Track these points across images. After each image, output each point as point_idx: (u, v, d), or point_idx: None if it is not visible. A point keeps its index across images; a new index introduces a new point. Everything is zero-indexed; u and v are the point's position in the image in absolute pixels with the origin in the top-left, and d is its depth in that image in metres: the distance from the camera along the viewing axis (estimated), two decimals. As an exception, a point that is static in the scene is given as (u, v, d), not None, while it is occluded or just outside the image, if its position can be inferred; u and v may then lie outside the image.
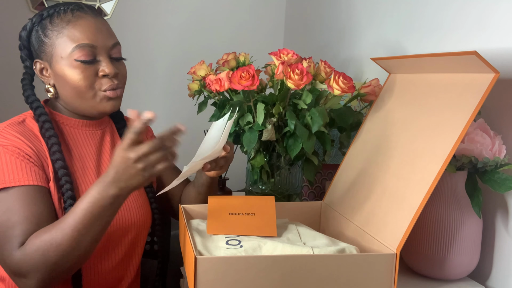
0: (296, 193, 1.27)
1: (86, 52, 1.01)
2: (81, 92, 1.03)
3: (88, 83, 1.02)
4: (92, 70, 1.02)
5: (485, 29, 1.06)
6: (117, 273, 1.10)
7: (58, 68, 1.03)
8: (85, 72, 1.01)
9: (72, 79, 1.02)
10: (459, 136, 0.82)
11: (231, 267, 0.76)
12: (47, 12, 1.05)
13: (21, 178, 0.94)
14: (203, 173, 1.10)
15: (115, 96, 1.05)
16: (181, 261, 1.06)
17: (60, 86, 1.05)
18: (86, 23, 1.03)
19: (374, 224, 0.91)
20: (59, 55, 1.02)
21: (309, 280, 0.78)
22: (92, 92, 1.03)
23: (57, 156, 0.99)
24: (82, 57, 1.01)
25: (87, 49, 1.01)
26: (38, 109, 1.04)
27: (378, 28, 1.51)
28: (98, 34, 1.03)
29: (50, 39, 1.03)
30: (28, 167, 0.96)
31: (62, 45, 1.02)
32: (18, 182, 0.93)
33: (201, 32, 2.21)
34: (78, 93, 1.03)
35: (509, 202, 1.00)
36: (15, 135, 0.98)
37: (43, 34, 1.04)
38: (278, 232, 0.92)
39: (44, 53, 1.04)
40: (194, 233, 0.91)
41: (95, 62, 1.03)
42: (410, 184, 0.87)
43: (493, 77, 0.82)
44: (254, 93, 1.17)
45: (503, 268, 1.02)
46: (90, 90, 1.03)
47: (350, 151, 1.14)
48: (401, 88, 1.07)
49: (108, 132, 1.15)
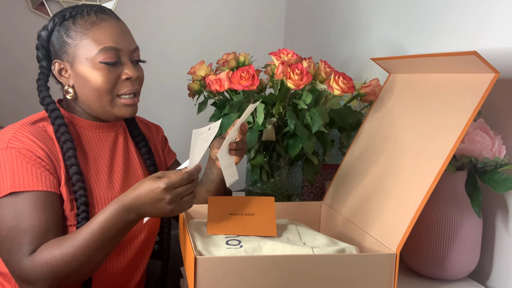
0: (296, 193, 1.27)
1: (111, 55, 1.01)
2: (101, 95, 1.03)
3: (110, 86, 1.02)
4: (115, 73, 1.03)
5: (485, 29, 1.06)
6: (127, 274, 1.10)
7: (81, 69, 1.02)
8: (109, 75, 1.02)
9: (94, 80, 1.01)
10: (459, 136, 0.82)
11: (231, 267, 0.76)
12: (69, 13, 1.04)
13: (32, 183, 0.93)
14: (213, 169, 1.11)
15: (132, 103, 1.06)
16: (181, 261, 1.06)
17: (80, 87, 1.04)
18: (110, 25, 1.03)
19: (374, 224, 0.91)
20: (83, 56, 1.02)
21: (309, 280, 0.78)
22: (110, 97, 1.03)
23: (72, 161, 0.99)
24: (107, 59, 1.01)
25: (112, 52, 1.01)
26: (54, 112, 1.03)
27: (378, 28, 1.51)
28: (122, 37, 1.04)
29: (74, 40, 1.02)
30: (39, 171, 0.95)
31: (87, 46, 1.01)
32: (28, 187, 0.93)
33: (201, 32, 2.21)
34: (98, 96, 1.03)
35: (509, 202, 1.00)
36: (28, 137, 0.97)
37: (65, 34, 1.03)
38: (278, 232, 0.92)
39: (66, 54, 1.03)
40: (194, 233, 0.91)
41: (119, 65, 1.03)
42: (410, 184, 0.87)
43: (493, 77, 0.82)
44: (254, 93, 1.17)
45: (503, 268, 1.02)
46: (109, 94, 1.03)
47: (350, 151, 1.14)
48: (401, 88, 1.07)
49: (121, 134, 1.14)
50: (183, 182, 0.85)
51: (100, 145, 1.09)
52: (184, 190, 0.86)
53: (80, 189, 0.98)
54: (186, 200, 0.87)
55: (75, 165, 0.99)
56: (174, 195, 0.85)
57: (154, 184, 0.84)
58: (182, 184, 0.85)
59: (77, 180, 0.98)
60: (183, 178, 0.85)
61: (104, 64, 1.01)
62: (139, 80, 1.07)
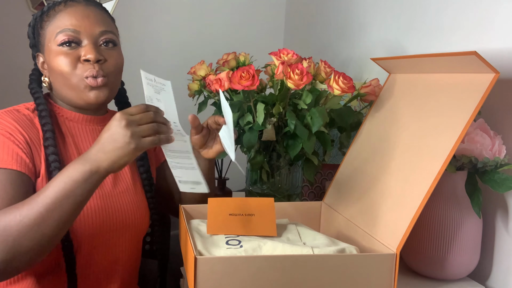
0: (296, 193, 1.27)
1: (67, 37, 1.00)
2: (65, 79, 1.01)
3: (69, 69, 1.00)
4: (73, 55, 1.00)
5: (485, 29, 1.06)
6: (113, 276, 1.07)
7: (47, 57, 1.03)
8: (67, 58, 1.00)
9: (56, 66, 1.01)
10: (459, 136, 0.82)
11: (231, 267, 0.76)
12: (47, 6, 1.06)
13: (6, 161, 0.92)
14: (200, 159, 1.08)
15: (95, 85, 1.01)
16: (181, 261, 1.06)
17: (52, 76, 1.04)
18: (73, 10, 1.02)
19: (374, 224, 0.91)
20: (47, 43, 1.02)
21: (309, 280, 0.78)
22: (75, 79, 1.00)
23: (49, 142, 0.97)
24: (62, 41, 1.00)
25: (68, 34, 1.00)
26: (38, 99, 1.03)
27: (378, 28, 1.51)
28: (83, 20, 1.01)
29: (44, 30, 1.03)
30: (15, 152, 0.94)
31: (50, 33, 1.02)
32: (1, 164, 0.91)
33: (201, 32, 2.21)
34: (63, 81, 1.01)
35: (509, 202, 1.00)
36: (10, 121, 0.97)
37: (40, 27, 1.04)
38: (278, 232, 0.92)
39: (41, 45, 1.05)
40: (194, 233, 0.91)
41: (77, 46, 1.01)
42: (410, 184, 0.87)
43: (493, 77, 0.82)
44: (254, 93, 1.17)
45: (503, 268, 1.02)
46: (73, 77, 1.00)
47: (350, 151, 1.14)
48: (401, 88, 1.07)
49: None
50: (140, 110, 0.84)
51: (86, 139, 1.08)
52: (141, 117, 0.83)
53: (55, 169, 0.96)
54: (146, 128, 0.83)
55: (51, 146, 0.97)
56: (130, 119, 0.82)
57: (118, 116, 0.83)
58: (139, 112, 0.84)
59: (53, 160, 0.96)
60: (140, 107, 0.85)
61: (61, 47, 1.00)
62: (105, 65, 1.02)
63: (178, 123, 0.95)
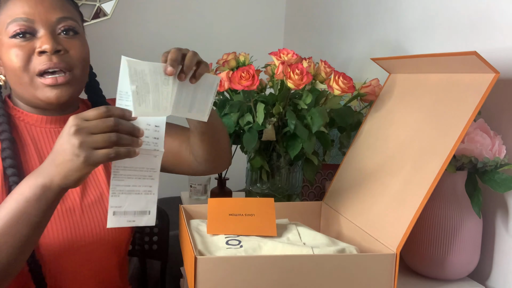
0: (296, 193, 1.27)
1: (20, 27, 0.87)
2: (17, 77, 0.88)
3: (22, 64, 0.87)
4: (27, 47, 0.87)
5: (485, 29, 1.06)
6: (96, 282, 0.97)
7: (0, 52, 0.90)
8: (19, 50, 0.87)
9: (8, 60, 0.88)
10: (459, 136, 0.82)
11: (231, 267, 0.76)
12: None
13: None
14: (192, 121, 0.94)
15: (54, 83, 0.88)
16: (181, 261, 1.06)
17: (7, 74, 0.91)
18: None
19: (374, 224, 0.91)
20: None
21: (309, 280, 0.78)
22: (28, 77, 0.88)
23: (6, 153, 0.86)
24: (14, 32, 0.87)
25: (20, 23, 0.87)
26: None
27: (378, 28, 1.51)
28: (37, 7, 0.88)
29: None
30: None
31: (1, 24, 0.89)
32: None
33: (201, 32, 2.21)
34: (16, 78, 0.89)
35: (509, 202, 1.00)
36: None
37: None
38: (278, 232, 0.92)
39: None
40: (194, 233, 0.91)
41: (31, 37, 0.88)
42: (410, 184, 0.87)
43: (493, 77, 0.82)
44: (254, 93, 1.17)
45: (503, 268, 1.02)
46: (25, 74, 0.88)
47: (350, 151, 1.14)
48: (401, 88, 1.07)
49: None
50: (97, 115, 0.69)
51: (49, 142, 0.95)
52: (96, 124, 0.69)
53: (14, 184, 0.84)
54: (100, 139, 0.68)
55: (9, 158, 0.86)
56: (81, 126, 0.68)
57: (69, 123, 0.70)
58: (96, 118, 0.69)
59: (11, 173, 0.85)
60: (99, 111, 0.70)
61: (13, 39, 0.87)
62: (64, 56, 0.89)
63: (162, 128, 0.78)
